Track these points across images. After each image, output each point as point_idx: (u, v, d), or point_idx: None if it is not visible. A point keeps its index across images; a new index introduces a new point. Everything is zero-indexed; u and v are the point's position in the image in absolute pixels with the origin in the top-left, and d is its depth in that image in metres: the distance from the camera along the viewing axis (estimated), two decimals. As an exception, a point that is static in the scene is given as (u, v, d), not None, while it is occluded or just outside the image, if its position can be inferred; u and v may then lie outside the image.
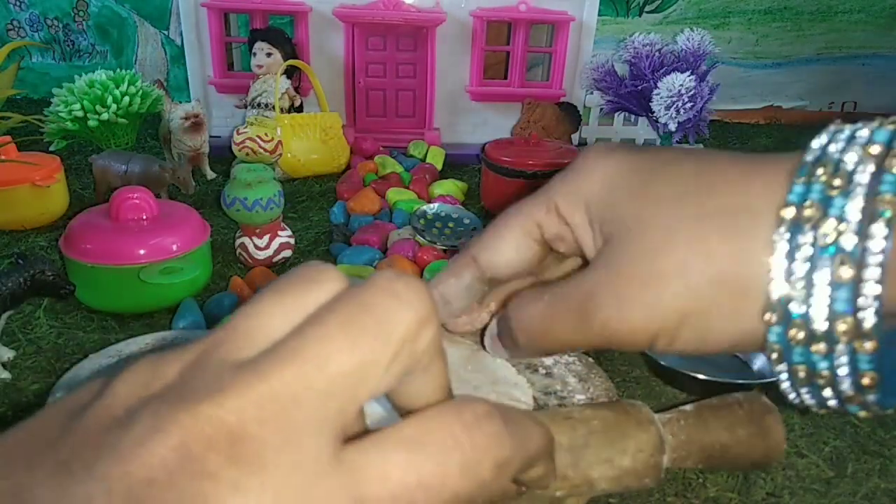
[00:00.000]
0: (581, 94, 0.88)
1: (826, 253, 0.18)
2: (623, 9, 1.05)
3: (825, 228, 0.18)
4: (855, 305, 0.18)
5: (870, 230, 0.17)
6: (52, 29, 1.04)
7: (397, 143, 0.85)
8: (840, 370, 0.19)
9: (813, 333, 0.18)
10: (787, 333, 0.19)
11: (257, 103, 0.79)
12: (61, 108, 0.74)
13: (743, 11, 1.05)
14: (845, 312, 0.18)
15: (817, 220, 0.18)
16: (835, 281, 0.18)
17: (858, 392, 0.19)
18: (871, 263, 0.17)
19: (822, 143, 0.19)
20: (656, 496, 0.34)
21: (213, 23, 0.83)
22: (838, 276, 0.18)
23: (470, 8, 0.84)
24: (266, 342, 0.14)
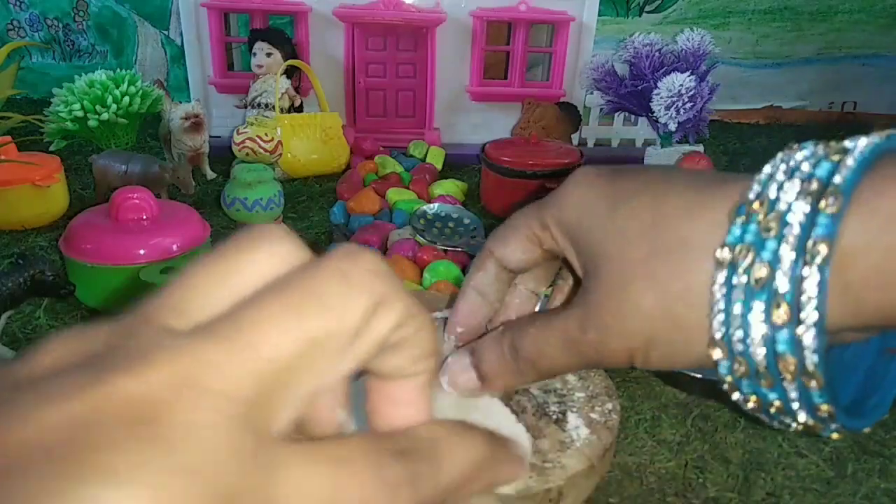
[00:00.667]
0: (581, 94, 0.88)
1: (760, 296, 0.18)
2: (623, 9, 1.05)
3: (758, 272, 0.18)
4: (795, 347, 0.18)
5: (803, 273, 0.18)
6: (52, 29, 1.04)
7: (397, 143, 0.85)
8: (792, 403, 0.19)
9: (756, 370, 0.19)
10: (733, 368, 0.19)
11: (257, 103, 0.79)
12: (61, 108, 0.74)
13: (743, 11, 1.05)
14: (785, 353, 0.18)
15: (750, 263, 0.18)
16: (773, 323, 0.18)
17: (818, 421, 0.19)
18: (807, 307, 0.17)
19: (767, 174, 0.20)
20: (656, 496, 0.34)
21: (212, 23, 0.83)
22: (774, 319, 0.18)
23: (470, 8, 0.84)
24: (201, 315, 0.13)
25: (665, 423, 0.39)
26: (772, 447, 0.38)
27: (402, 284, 0.17)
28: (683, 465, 0.36)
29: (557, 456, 0.31)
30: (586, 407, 0.35)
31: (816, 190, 0.18)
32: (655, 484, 0.35)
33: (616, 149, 0.91)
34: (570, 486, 0.30)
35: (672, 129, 0.74)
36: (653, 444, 0.38)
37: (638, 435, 0.38)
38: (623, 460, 0.36)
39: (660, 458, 0.37)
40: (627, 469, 0.35)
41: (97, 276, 0.46)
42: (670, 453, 0.37)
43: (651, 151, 0.80)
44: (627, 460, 0.36)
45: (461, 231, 0.59)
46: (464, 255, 0.55)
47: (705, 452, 0.37)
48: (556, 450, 0.31)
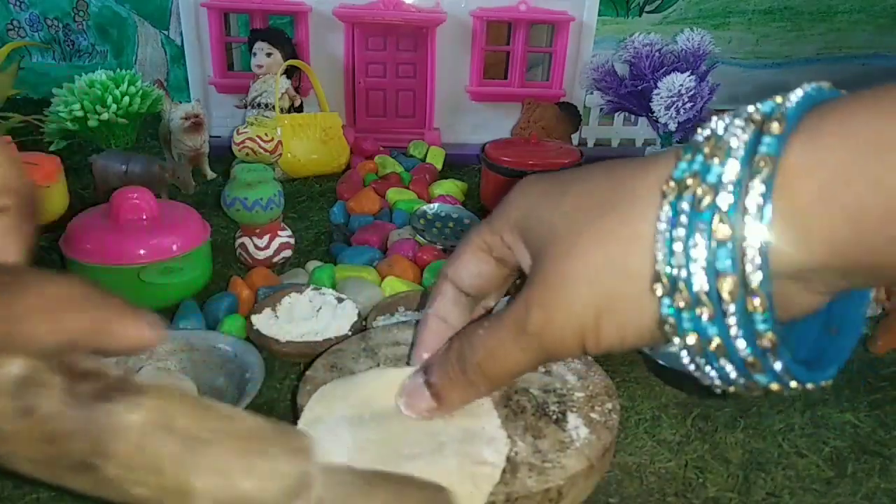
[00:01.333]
0: (581, 94, 0.88)
1: (703, 216, 0.18)
2: (623, 9, 1.05)
3: (700, 192, 0.18)
4: (737, 263, 0.17)
5: (748, 186, 0.17)
6: (52, 29, 1.04)
7: (397, 143, 0.85)
8: (732, 331, 0.18)
9: (697, 297, 0.18)
10: (675, 300, 0.19)
11: (257, 103, 0.79)
12: (61, 108, 0.74)
13: (743, 11, 1.05)
14: (726, 271, 0.18)
15: (695, 187, 0.18)
16: (715, 240, 0.18)
17: (759, 358, 0.19)
18: (751, 219, 0.17)
19: (715, 120, 0.20)
20: (656, 496, 0.34)
21: (212, 23, 0.83)
22: (716, 235, 0.18)
23: (470, 8, 0.84)
24: None
25: (665, 423, 0.39)
26: (772, 447, 0.38)
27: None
28: (683, 465, 0.36)
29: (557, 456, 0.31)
30: (586, 407, 0.35)
31: (760, 120, 0.18)
32: (655, 484, 0.35)
33: (616, 148, 0.91)
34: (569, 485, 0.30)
35: (672, 128, 0.75)
36: (653, 444, 0.38)
37: (638, 435, 0.38)
38: (623, 460, 0.36)
39: (660, 458, 0.37)
40: (627, 469, 0.35)
41: (97, 276, 0.46)
42: (670, 453, 0.37)
43: (651, 151, 0.80)
44: (627, 460, 0.36)
45: (461, 231, 0.59)
46: (464, 255, 0.55)
47: (705, 452, 0.37)
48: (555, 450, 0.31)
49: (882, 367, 0.46)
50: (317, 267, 0.52)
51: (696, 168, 0.19)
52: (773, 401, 0.42)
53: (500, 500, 0.28)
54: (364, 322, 0.44)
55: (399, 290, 0.49)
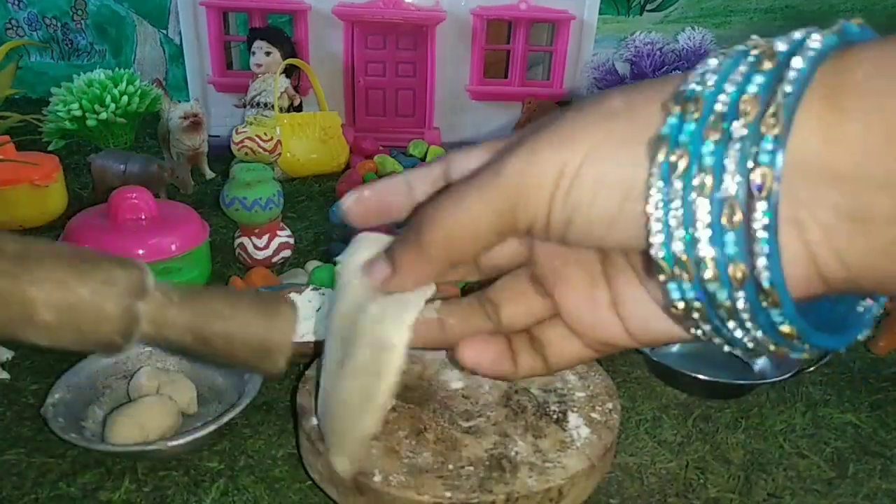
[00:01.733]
0: (582, 92, 0.88)
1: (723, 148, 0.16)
2: (624, 7, 1.05)
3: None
4: (747, 252, 0.16)
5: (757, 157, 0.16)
6: (51, 28, 1.04)
7: (397, 142, 0.85)
8: (739, 304, 0.17)
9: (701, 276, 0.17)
10: (676, 273, 0.17)
11: (256, 102, 0.78)
12: (60, 107, 0.74)
13: (744, 10, 1.05)
14: (736, 257, 0.16)
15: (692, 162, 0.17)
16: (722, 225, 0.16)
17: (779, 343, 0.17)
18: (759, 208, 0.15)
19: (702, 72, 0.18)
20: (657, 497, 0.34)
21: (211, 22, 0.83)
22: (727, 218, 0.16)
23: (470, 6, 0.84)
24: None
25: (666, 424, 0.39)
26: (773, 448, 0.38)
27: None
28: (684, 466, 0.36)
29: (558, 455, 0.31)
30: (587, 406, 0.34)
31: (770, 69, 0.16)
32: (656, 484, 0.35)
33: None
34: (570, 485, 0.30)
35: (672, 128, 0.75)
36: (653, 444, 0.38)
37: (639, 435, 0.38)
38: (624, 461, 0.36)
39: (661, 458, 0.37)
40: (628, 469, 0.35)
41: (96, 275, 0.46)
42: (671, 454, 0.37)
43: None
44: (628, 461, 0.36)
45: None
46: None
47: (706, 453, 0.37)
48: (556, 449, 0.31)
49: (883, 368, 0.46)
50: (316, 267, 0.52)
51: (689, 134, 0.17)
52: (773, 401, 0.41)
53: (501, 499, 0.28)
54: (364, 322, 0.44)
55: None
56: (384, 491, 0.28)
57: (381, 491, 0.28)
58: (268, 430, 0.37)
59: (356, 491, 0.29)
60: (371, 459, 0.30)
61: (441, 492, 0.28)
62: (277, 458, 0.35)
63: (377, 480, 0.29)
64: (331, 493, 0.31)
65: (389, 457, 0.30)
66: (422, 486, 0.28)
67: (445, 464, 0.30)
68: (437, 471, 0.29)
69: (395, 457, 0.30)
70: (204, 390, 0.38)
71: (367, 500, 0.29)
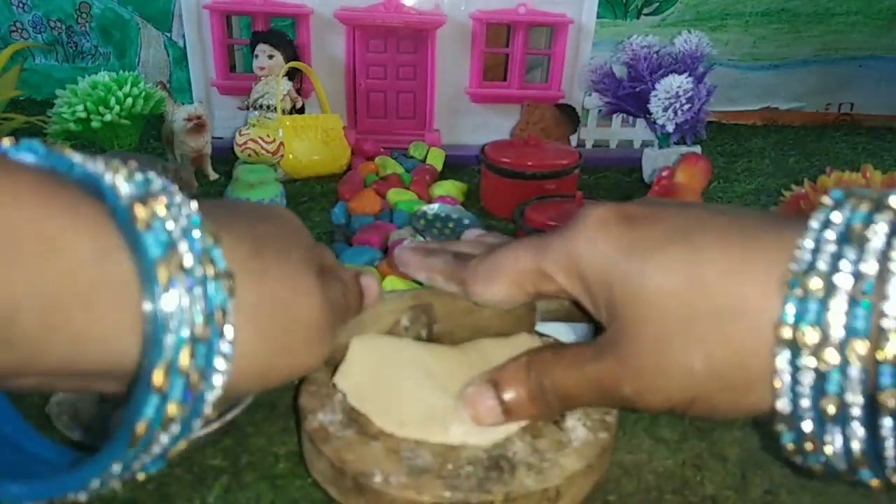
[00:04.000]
0: (580, 95, 0.89)
1: (831, 376, 0.17)
2: (621, 11, 1.06)
3: (826, 356, 0.17)
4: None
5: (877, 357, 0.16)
6: (55, 31, 1.04)
7: (398, 144, 0.86)
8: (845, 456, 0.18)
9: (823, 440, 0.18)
10: (800, 437, 0.18)
11: (259, 105, 0.79)
12: (64, 109, 0.75)
13: (740, 13, 1.06)
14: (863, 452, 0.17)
15: (816, 343, 0.17)
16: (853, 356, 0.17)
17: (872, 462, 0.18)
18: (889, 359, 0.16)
19: (812, 240, 0.18)
20: (654, 495, 0.34)
21: (215, 25, 0.84)
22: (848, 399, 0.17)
23: (470, 10, 0.84)
24: None
25: (663, 422, 0.40)
26: (769, 445, 0.38)
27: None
28: (681, 464, 0.37)
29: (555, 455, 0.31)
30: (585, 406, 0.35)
31: (882, 255, 0.16)
32: (653, 482, 0.35)
33: (614, 150, 0.92)
34: (568, 485, 0.30)
35: (670, 130, 0.75)
36: (651, 442, 0.38)
37: (636, 433, 0.39)
38: (621, 459, 0.36)
39: (658, 456, 0.37)
40: (625, 467, 0.36)
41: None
42: (668, 451, 0.37)
43: (649, 152, 0.80)
44: (625, 459, 0.36)
45: (461, 231, 0.60)
46: (464, 256, 0.56)
47: (703, 451, 0.38)
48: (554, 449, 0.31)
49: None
50: (318, 268, 0.52)
51: (811, 319, 0.17)
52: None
53: (500, 499, 0.29)
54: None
55: (399, 289, 0.49)
56: (384, 491, 0.29)
57: (381, 491, 0.29)
58: (270, 428, 0.37)
59: (356, 490, 0.29)
60: (371, 460, 0.30)
61: (441, 491, 0.28)
62: (280, 457, 0.35)
63: (377, 481, 0.29)
64: (331, 492, 0.31)
65: (389, 457, 0.30)
66: (422, 487, 0.28)
67: (445, 464, 0.30)
68: (437, 471, 0.29)
69: (395, 457, 0.30)
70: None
71: (368, 499, 0.29)
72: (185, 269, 0.17)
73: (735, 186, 0.81)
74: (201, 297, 0.17)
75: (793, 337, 0.18)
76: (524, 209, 0.61)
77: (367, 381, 0.33)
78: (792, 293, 0.18)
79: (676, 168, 0.65)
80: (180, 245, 0.17)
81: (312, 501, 0.32)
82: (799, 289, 0.18)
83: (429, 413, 0.31)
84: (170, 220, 0.17)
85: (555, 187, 0.66)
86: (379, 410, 0.31)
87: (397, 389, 0.32)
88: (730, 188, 0.81)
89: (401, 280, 0.50)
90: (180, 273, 0.17)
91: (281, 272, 0.21)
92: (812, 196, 0.54)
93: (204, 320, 0.17)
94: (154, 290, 0.17)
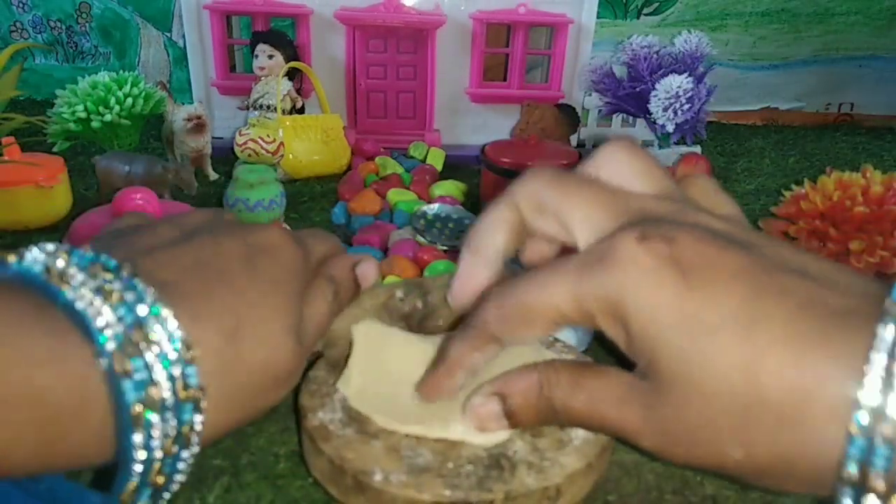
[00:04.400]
0: (580, 95, 0.89)
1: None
2: (621, 11, 1.06)
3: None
4: None
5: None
6: (55, 31, 1.04)
7: (398, 144, 0.86)
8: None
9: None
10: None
11: (259, 105, 0.79)
12: (64, 109, 0.75)
13: (740, 13, 1.06)
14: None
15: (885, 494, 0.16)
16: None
17: None
18: None
19: (886, 352, 0.17)
20: (654, 494, 0.34)
21: (215, 25, 0.84)
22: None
23: (470, 10, 0.84)
24: None
25: (662, 422, 0.40)
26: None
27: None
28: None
29: (556, 454, 0.31)
30: (584, 405, 0.35)
31: None
32: (653, 482, 0.35)
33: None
34: (568, 484, 0.30)
35: (670, 130, 0.75)
36: (650, 442, 0.38)
37: (635, 433, 0.39)
38: (621, 458, 0.36)
39: (657, 456, 0.37)
40: (625, 467, 0.36)
41: (101, 276, 0.46)
42: (667, 451, 0.37)
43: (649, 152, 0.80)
44: (625, 458, 0.36)
45: (461, 231, 0.60)
46: (464, 255, 0.56)
47: (702, 450, 0.38)
48: (554, 448, 0.31)
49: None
50: (318, 267, 0.52)
51: (881, 465, 0.16)
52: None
53: (500, 498, 0.29)
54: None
55: (400, 290, 0.49)
56: (384, 489, 0.29)
57: (381, 489, 0.29)
58: (270, 428, 0.37)
59: (357, 489, 0.29)
60: (371, 458, 0.30)
61: (441, 490, 0.28)
62: (280, 456, 0.35)
63: (377, 479, 0.29)
64: (332, 491, 0.31)
65: (390, 455, 0.30)
66: (422, 485, 0.29)
67: (445, 462, 0.30)
68: (437, 469, 0.29)
69: (396, 455, 0.30)
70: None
71: (368, 498, 0.29)
72: (158, 401, 0.19)
73: (735, 186, 0.81)
74: (172, 417, 0.19)
75: (858, 481, 0.17)
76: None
77: (370, 383, 0.33)
78: (858, 422, 0.17)
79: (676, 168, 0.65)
80: (160, 382, 0.19)
81: (313, 501, 0.32)
82: (867, 417, 0.17)
83: (430, 409, 0.31)
84: (150, 351, 0.19)
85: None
86: (381, 410, 0.31)
87: (399, 387, 0.32)
88: (730, 188, 0.81)
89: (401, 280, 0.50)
90: (155, 412, 0.19)
91: (255, 347, 0.23)
92: (812, 196, 0.54)
93: (172, 440, 0.20)
94: (129, 433, 0.19)
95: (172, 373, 0.19)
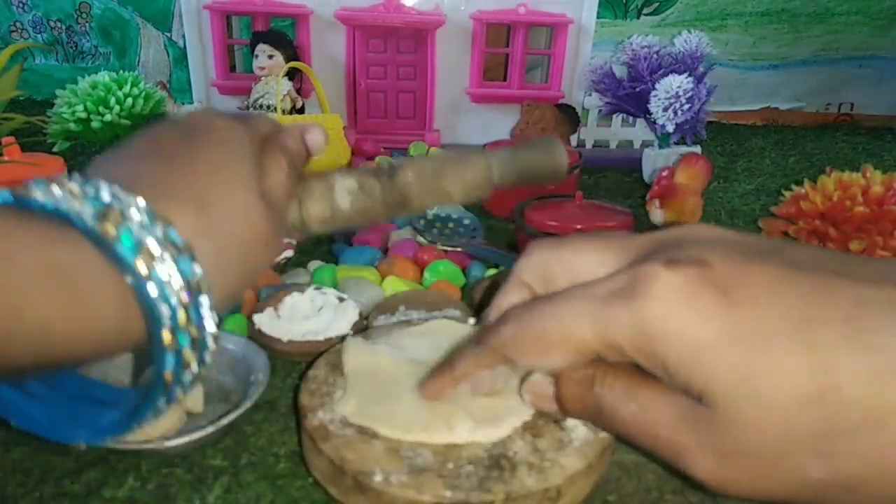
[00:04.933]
0: (580, 95, 0.89)
1: None
2: (621, 11, 1.06)
3: None
4: None
5: None
6: (55, 31, 1.04)
7: (398, 144, 0.86)
8: None
9: None
10: None
11: (259, 105, 0.79)
12: (64, 109, 0.75)
13: (740, 13, 1.06)
14: None
15: None
16: None
17: None
18: None
19: None
20: (654, 494, 0.34)
21: (215, 25, 0.84)
22: None
23: (470, 10, 0.84)
24: None
25: (662, 422, 0.40)
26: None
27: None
28: (680, 464, 0.37)
29: (556, 455, 0.31)
30: (584, 406, 0.35)
31: None
32: (653, 482, 0.35)
33: (614, 150, 0.92)
34: (568, 484, 0.30)
35: (670, 130, 0.75)
36: (650, 442, 0.38)
37: (635, 434, 0.39)
38: (621, 458, 0.36)
39: (657, 456, 0.37)
40: (625, 467, 0.36)
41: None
42: (667, 452, 0.37)
43: (649, 152, 0.80)
44: (625, 458, 0.36)
45: (461, 231, 0.60)
46: (463, 255, 0.56)
47: (702, 451, 0.38)
48: (554, 449, 0.31)
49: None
50: (318, 267, 0.52)
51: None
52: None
53: (500, 498, 0.29)
54: (365, 321, 0.44)
55: (400, 289, 0.49)
56: (384, 490, 0.29)
57: (381, 490, 0.29)
58: (270, 428, 0.37)
59: (357, 489, 0.29)
60: (372, 459, 0.30)
61: (441, 491, 0.28)
62: (280, 456, 0.35)
63: (378, 479, 0.29)
64: (332, 491, 0.31)
65: (390, 456, 0.30)
66: (422, 486, 0.28)
67: (445, 463, 0.30)
68: (437, 470, 0.29)
69: (396, 456, 0.30)
70: (212, 390, 0.39)
71: (368, 498, 0.29)
72: (155, 257, 0.21)
73: (735, 186, 0.81)
74: (175, 271, 0.22)
75: None
76: (524, 209, 0.61)
77: (367, 400, 0.33)
78: None
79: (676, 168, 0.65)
80: (146, 241, 0.21)
81: (312, 501, 0.32)
82: None
83: (431, 416, 0.31)
84: (130, 222, 0.21)
85: (555, 187, 0.66)
86: (383, 422, 0.31)
87: (398, 401, 0.32)
88: (730, 188, 0.81)
89: (401, 280, 0.50)
90: (153, 261, 0.21)
91: (226, 213, 0.25)
92: (812, 196, 0.54)
93: (182, 287, 0.22)
94: (140, 283, 0.21)
95: (156, 234, 0.22)
